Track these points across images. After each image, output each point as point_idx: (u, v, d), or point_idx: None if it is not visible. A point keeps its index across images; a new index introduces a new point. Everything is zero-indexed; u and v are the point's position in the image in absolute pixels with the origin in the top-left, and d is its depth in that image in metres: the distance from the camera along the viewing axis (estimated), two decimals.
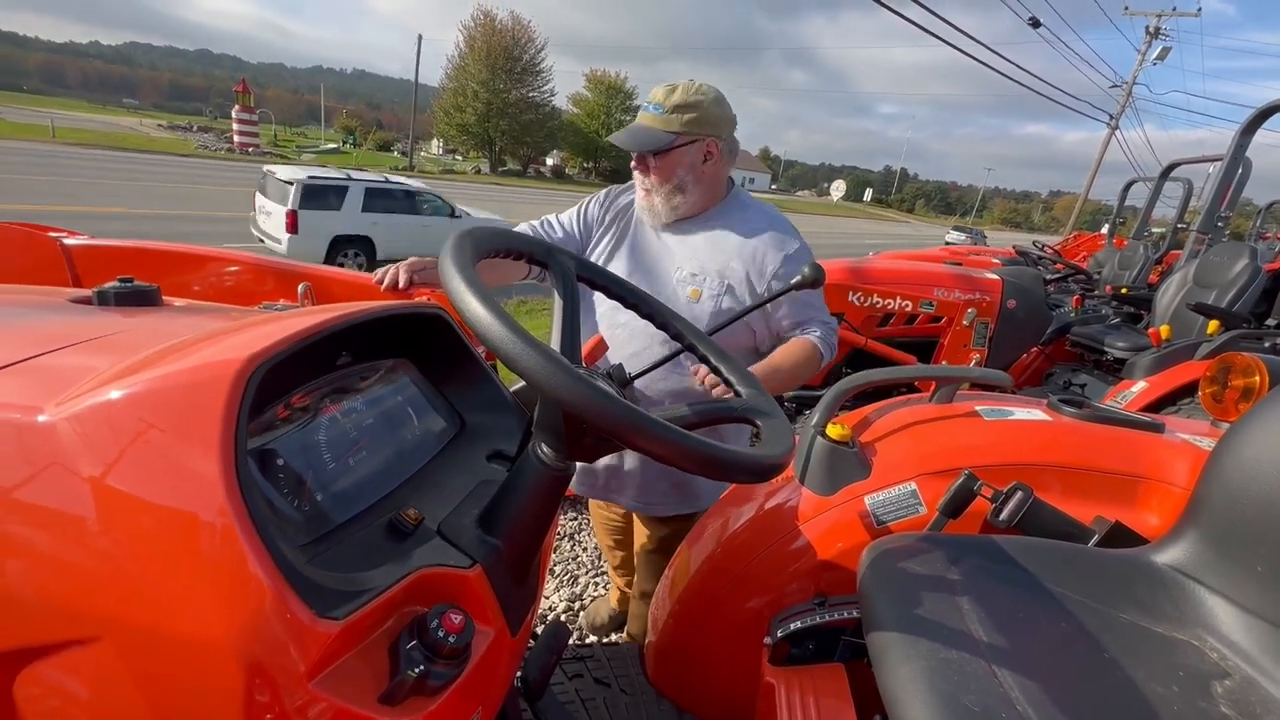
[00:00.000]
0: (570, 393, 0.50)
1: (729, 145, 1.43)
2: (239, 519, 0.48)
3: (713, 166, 1.41)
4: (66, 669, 0.49)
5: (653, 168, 1.40)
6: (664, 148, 1.36)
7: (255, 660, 0.47)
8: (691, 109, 1.35)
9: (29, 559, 0.48)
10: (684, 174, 1.39)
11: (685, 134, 1.35)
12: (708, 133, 1.37)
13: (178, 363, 0.55)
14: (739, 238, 1.43)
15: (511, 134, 49.45)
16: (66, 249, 1.42)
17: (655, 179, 1.41)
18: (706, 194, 1.44)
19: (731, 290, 1.41)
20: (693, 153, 1.38)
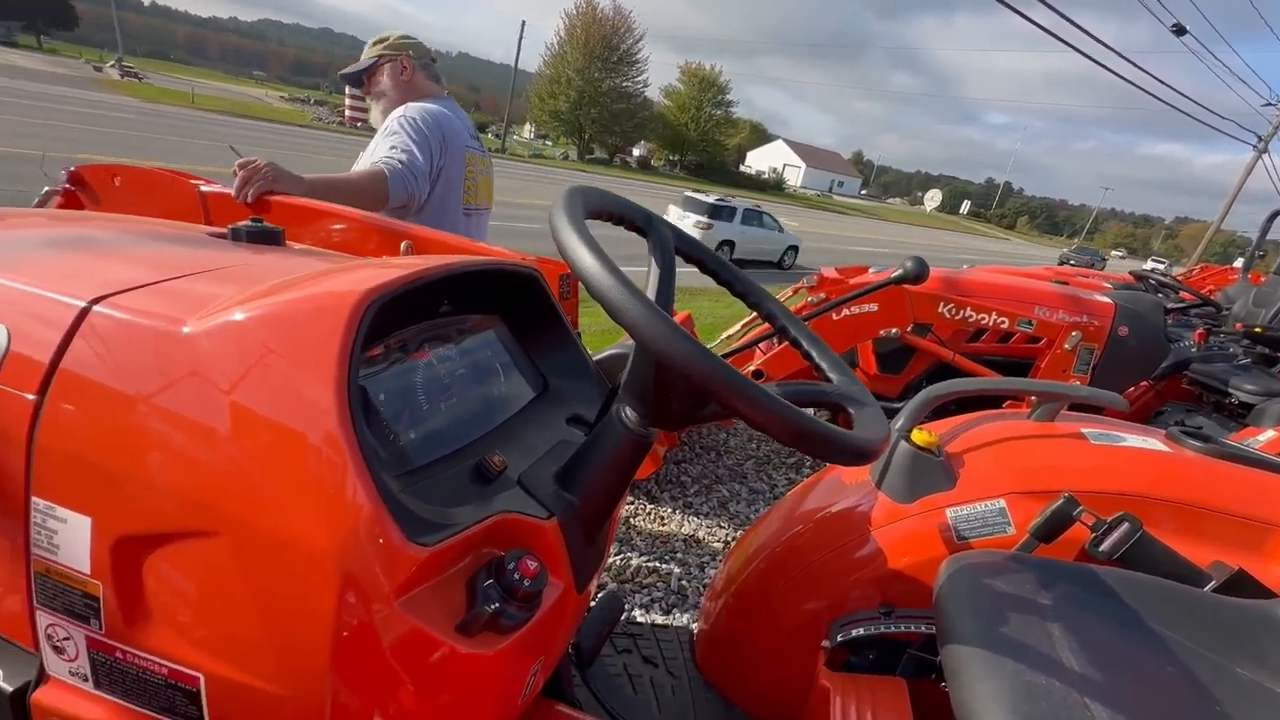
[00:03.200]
0: (675, 348, 0.50)
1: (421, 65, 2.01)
2: (347, 441, 0.51)
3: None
4: (188, 556, 0.53)
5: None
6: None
7: (349, 573, 0.50)
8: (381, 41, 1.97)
9: (167, 454, 0.53)
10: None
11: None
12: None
13: (303, 291, 0.59)
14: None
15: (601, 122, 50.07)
16: (203, 195, 1.55)
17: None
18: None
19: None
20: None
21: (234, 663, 0.54)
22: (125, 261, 0.73)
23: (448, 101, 2.02)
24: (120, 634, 0.56)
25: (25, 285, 0.62)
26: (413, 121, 1.80)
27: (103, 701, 0.60)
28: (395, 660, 0.52)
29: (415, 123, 1.80)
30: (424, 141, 1.80)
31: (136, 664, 0.57)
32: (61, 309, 0.59)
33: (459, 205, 2.00)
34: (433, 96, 2.00)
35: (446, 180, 1.90)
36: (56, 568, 0.56)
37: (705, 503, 3.19)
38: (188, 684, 0.56)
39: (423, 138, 1.80)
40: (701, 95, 58.11)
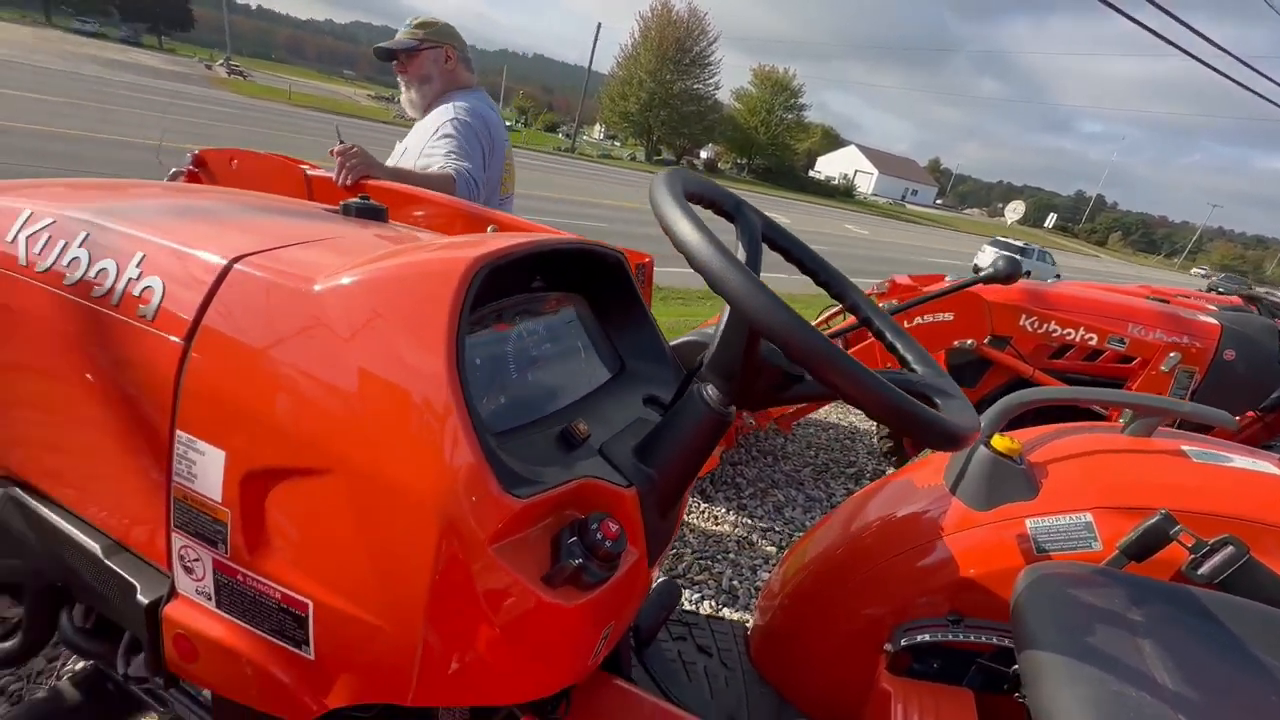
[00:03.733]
0: (776, 317, 0.51)
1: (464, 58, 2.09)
2: (454, 395, 0.55)
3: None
4: (306, 491, 0.59)
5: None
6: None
7: (450, 518, 0.53)
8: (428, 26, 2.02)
9: (293, 398, 0.58)
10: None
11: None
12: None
13: (419, 256, 0.63)
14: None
15: (670, 124, 50.19)
16: (308, 177, 1.67)
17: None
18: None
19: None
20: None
21: (340, 592, 0.59)
22: (258, 228, 0.80)
23: (481, 94, 2.12)
24: (242, 558, 0.62)
25: (176, 244, 0.69)
26: (469, 126, 1.92)
27: (222, 620, 0.66)
28: (484, 602, 0.55)
29: (471, 127, 1.92)
30: (478, 148, 1.93)
31: (254, 587, 0.63)
32: (207, 266, 0.65)
33: (498, 197, 2.10)
34: (468, 87, 2.11)
35: (491, 176, 2.01)
36: (193, 495, 0.63)
37: (760, 506, 3.16)
38: (297, 609, 0.61)
39: (476, 144, 1.92)
40: (773, 98, 57.32)
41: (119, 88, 19.14)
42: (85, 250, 0.71)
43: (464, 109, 1.96)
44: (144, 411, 0.66)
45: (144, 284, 0.67)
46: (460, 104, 1.97)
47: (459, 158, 1.86)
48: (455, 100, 1.99)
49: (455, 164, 1.85)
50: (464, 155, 1.87)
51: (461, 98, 2.01)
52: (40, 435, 0.77)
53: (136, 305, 0.66)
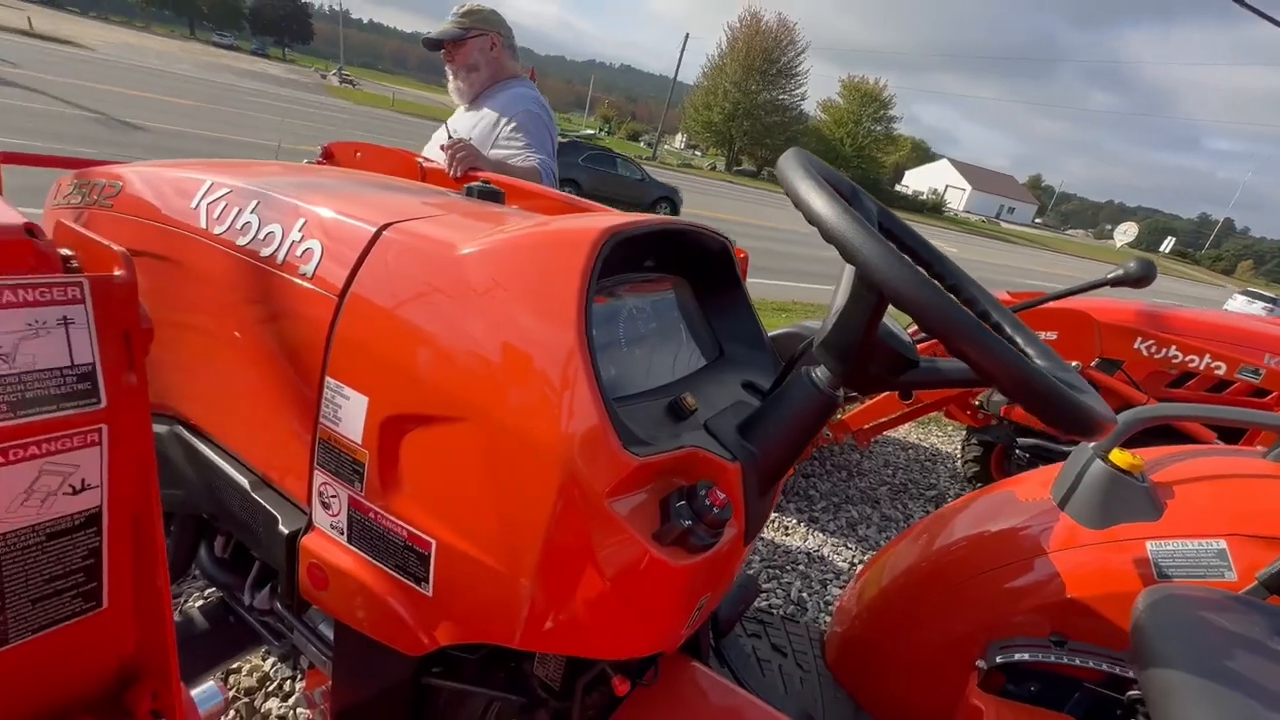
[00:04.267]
0: (908, 282, 0.50)
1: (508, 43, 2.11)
2: (581, 354, 0.58)
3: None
4: (438, 437, 0.63)
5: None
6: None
7: (571, 469, 0.56)
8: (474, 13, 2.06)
9: (434, 351, 0.63)
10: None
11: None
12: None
13: (553, 226, 0.68)
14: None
15: (753, 135, 49.80)
16: (423, 168, 1.79)
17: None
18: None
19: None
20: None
21: (462, 534, 0.63)
22: (400, 202, 0.88)
23: (529, 83, 2.17)
24: (375, 497, 0.68)
25: (332, 213, 0.77)
26: (538, 118, 2.03)
27: (351, 553, 0.72)
28: (596, 553, 0.58)
29: (540, 120, 2.04)
30: (547, 139, 2.05)
31: (383, 524, 0.68)
32: (360, 231, 0.72)
33: (556, 184, 2.18)
34: (514, 75, 2.16)
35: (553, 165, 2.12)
36: (336, 436, 0.70)
37: (833, 521, 3.07)
38: (421, 547, 0.66)
39: (545, 135, 2.04)
40: (861, 110, 55.75)
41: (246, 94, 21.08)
42: (256, 216, 0.80)
43: (530, 99, 2.05)
44: (298, 360, 0.73)
45: (305, 246, 0.74)
46: (523, 94, 2.06)
47: (536, 150, 1.97)
48: (514, 89, 2.08)
49: (536, 156, 1.95)
50: (540, 147, 1.98)
51: (519, 87, 2.09)
52: (205, 379, 0.86)
53: (298, 265, 0.74)
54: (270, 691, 1.58)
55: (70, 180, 1.13)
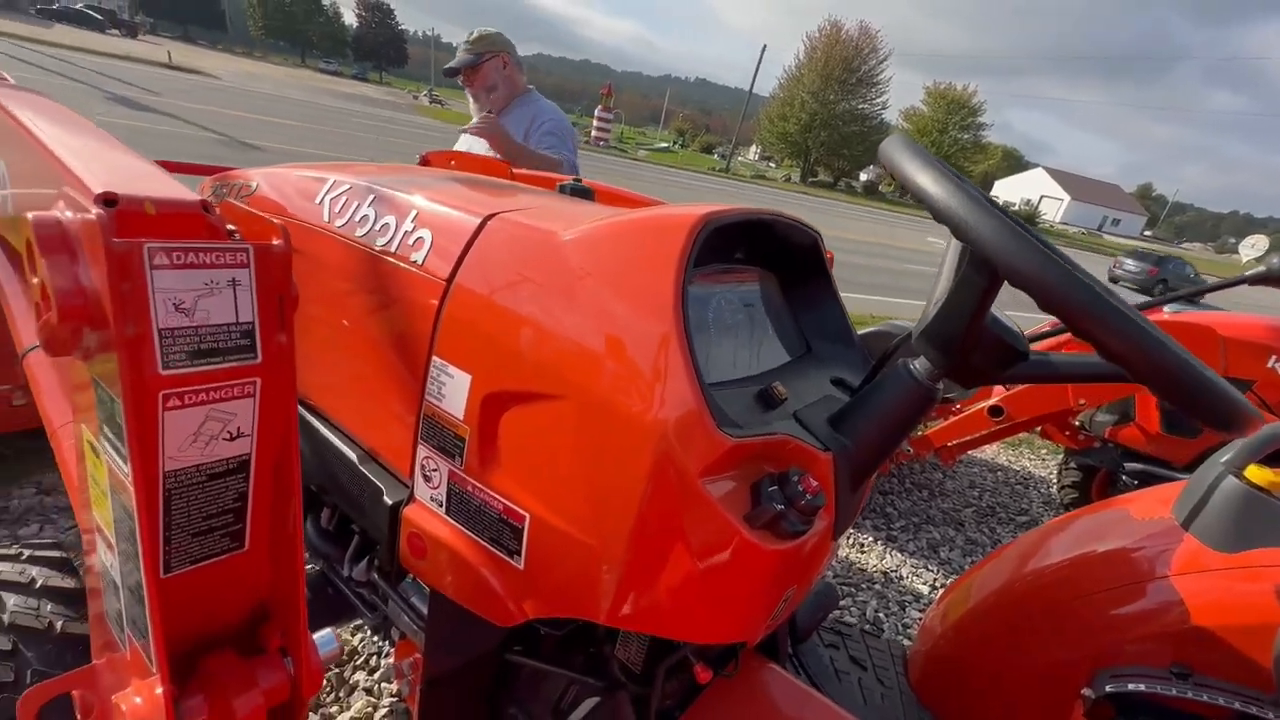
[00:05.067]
0: (1030, 258, 0.48)
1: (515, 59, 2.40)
2: (679, 335, 0.59)
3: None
4: (537, 414, 0.66)
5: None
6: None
7: (667, 448, 0.57)
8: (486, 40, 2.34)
9: (537, 331, 0.66)
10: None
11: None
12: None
13: (652, 213, 0.70)
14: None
15: (830, 145, 48.78)
16: (514, 175, 1.87)
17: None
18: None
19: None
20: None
21: (556, 509, 0.65)
22: (501, 196, 0.93)
23: (536, 94, 2.48)
24: (474, 471, 0.71)
25: (441, 205, 0.82)
26: (562, 126, 2.39)
27: (449, 525, 0.76)
28: (687, 531, 0.59)
29: (565, 127, 2.40)
30: (571, 145, 2.38)
31: (480, 497, 0.72)
32: (467, 220, 0.77)
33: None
34: (525, 89, 2.47)
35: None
36: (440, 412, 0.74)
37: (912, 541, 2.93)
38: (515, 520, 0.69)
39: (570, 142, 2.38)
40: (947, 118, 53.46)
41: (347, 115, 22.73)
42: (372, 210, 0.87)
43: (552, 109, 2.44)
44: (407, 341, 0.78)
45: (416, 236, 0.80)
46: (545, 105, 2.43)
47: (565, 148, 2.32)
48: (534, 102, 2.42)
49: (560, 153, 2.28)
50: (568, 146, 2.36)
51: (538, 101, 2.43)
52: (321, 360, 0.94)
53: (410, 253, 0.79)
54: (358, 665, 1.68)
55: (211, 182, 1.26)
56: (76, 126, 0.72)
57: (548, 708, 0.91)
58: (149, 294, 0.39)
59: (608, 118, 38.68)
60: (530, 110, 2.38)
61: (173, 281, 0.40)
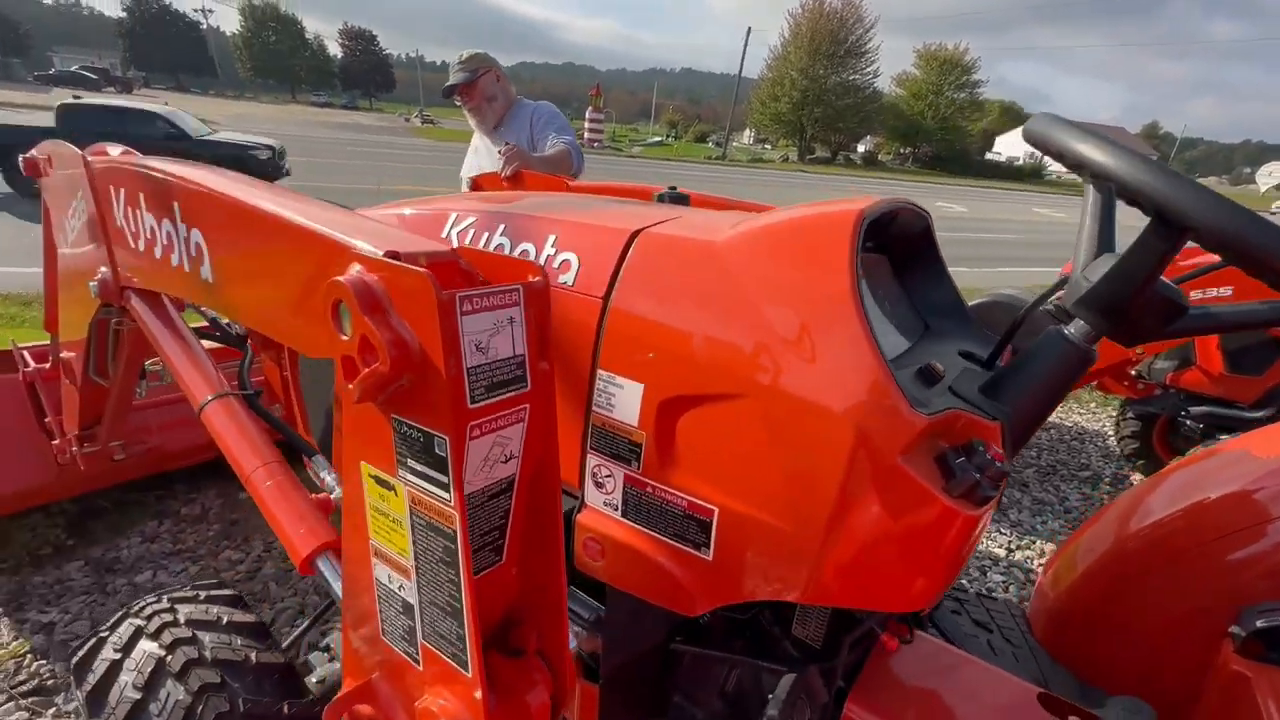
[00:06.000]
0: (1228, 216, 0.51)
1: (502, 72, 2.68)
2: (860, 320, 0.63)
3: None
4: (717, 414, 0.70)
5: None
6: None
7: (864, 430, 0.61)
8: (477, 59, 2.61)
9: (706, 334, 0.71)
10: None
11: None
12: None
13: (808, 212, 0.74)
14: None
15: (825, 120, 48.34)
16: (570, 188, 1.92)
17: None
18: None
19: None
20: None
21: (746, 499, 0.70)
22: (629, 212, 0.97)
23: (524, 99, 2.74)
24: (654, 473, 0.76)
25: (579, 226, 0.86)
26: (554, 113, 2.66)
27: (626, 526, 0.81)
28: (890, 506, 0.63)
29: (555, 113, 2.67)
30: (569, 130, 2.60)
31: (661, 497, 0.76)
32: (615, 238, 0.81)
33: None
34: (518, 98, 2.74)
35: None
36: (611, 421, 0.78)
37: None
38: (703, 515, 0.73)
39: (566, 125, 2.61)
40: (941, 79, 52.72)
41: (345, 144, 22.98)
42: (506, 239, 0.91)
43: (542, 104, 2.71)
44: (567, 358, 0.83)
45: (561, 258, 0.84)
46: (538, 104, 2.69)
47: (559, 133, 2.53)
48: (528, 106, 2.68)
49: (563, 139, 2.51)
50: (564, 130, 2.57)
51: (527, 104, 2.69)
52: None
53: (557, 275, 0.84)
54: None
55: None
56: (279, 193, 0.78)
57: (715, 692, 0.96)
58: (461, 338, 0.44)
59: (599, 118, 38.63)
60: (525, 112, 2.66)
61: (475, 324, 0.45)
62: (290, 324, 0.70)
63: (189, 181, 0.76)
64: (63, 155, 1.19)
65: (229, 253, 0.78)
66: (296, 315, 0.67)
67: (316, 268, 0.58)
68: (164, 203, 0.82)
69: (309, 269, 0.59)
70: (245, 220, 0.70)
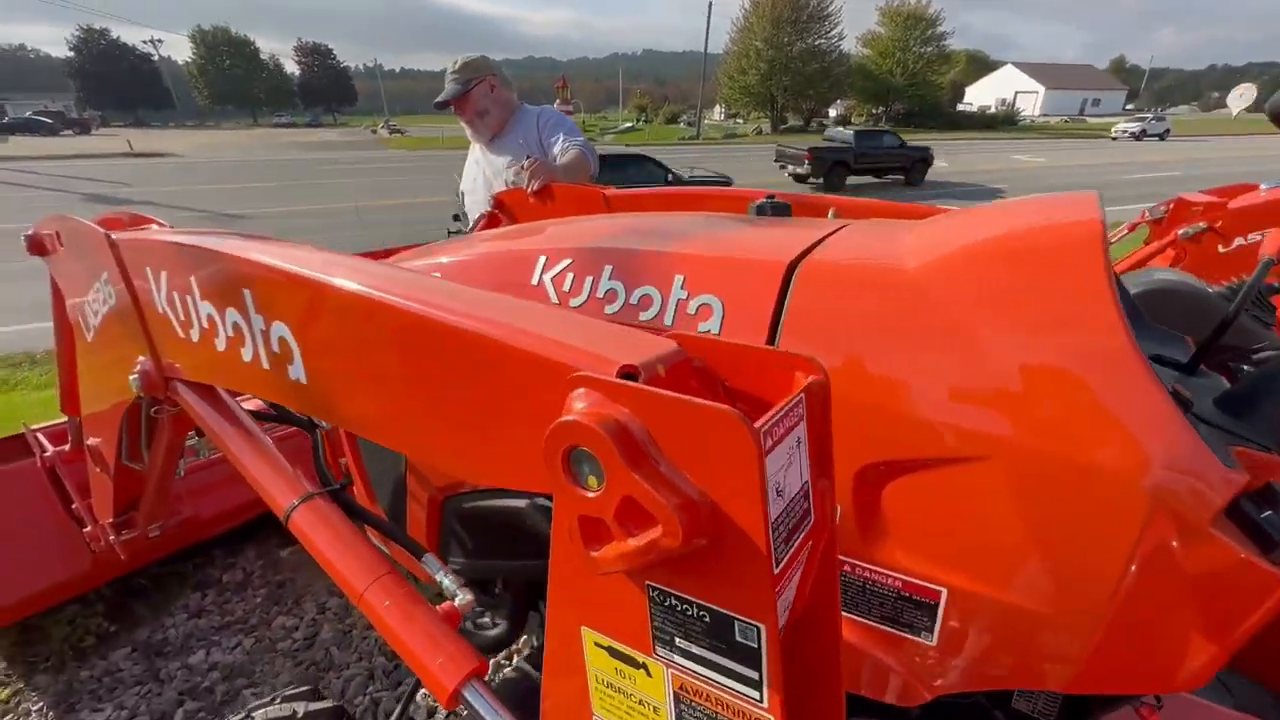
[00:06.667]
0: None
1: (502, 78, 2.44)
2: (1141, 360, 0.51)
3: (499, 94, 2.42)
4: (943, 479, 0.58)
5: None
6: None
7: (1166, 494, 0.49)
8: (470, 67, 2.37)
9: (917, 385, 0.58)
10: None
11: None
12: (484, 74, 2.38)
13: (1021, 226, 0.61)
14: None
15: (794, 89, 47.96)
16: (606, 197, 1.79)
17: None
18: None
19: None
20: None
21: (988, 579, 0.58)
22: (761, 236, 0.84)
23: (525, 105, 2.52)
24: (855, 551, 0.64)
25: (713, 260, 0.74)
26: (558, 116, 2.48)
27: None
28: (1193, 582, 0.51)
29: (559, 115, 2.48)
30: (578, 130, 2.42)
31: (867, 577, 0.65)
32: (768, 269, 0.69)
33: None
34: (517, 105, 2.49)
35: None
36: None
37: None
38: (925, 596, 0.62)
39: (574, 126, 2.45)
40: (906, 35, 52.35)
41: (316, 164, 22.55)
42: (619, 281, 0.79)
43: (544, 108, 2.52)
44: None
45: (698, 302, 0.72)
46: (540, 109, 2.49)
47: (569, 134, 2.37)
48: (529, 112, 2.47)
49: (575, 140, 2.33)
50: (574, 132, 2.39)
51: (529, 110, 2.48)
52: None
53: (695, 323, 0.71)
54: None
55: None
56: (386, 270, 0.64)
57: None
58: (764, 485, 0.32)
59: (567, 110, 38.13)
60: (529, 119, 2.45)
61: (774, 463, 0.33)
62: (456, 450, 0.55)
63: (262, 265, 0.63)
64: (78, 231, 1.05)
65: (336, 357, 0.63)
66: (471, 444, 0.52)
67: (504, 387, 0.45)
68: (228, 289, 0.69)
69: (489, 389, 0.47)
70: (359, 315, 0.57)
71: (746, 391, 0.40)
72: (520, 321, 0.45)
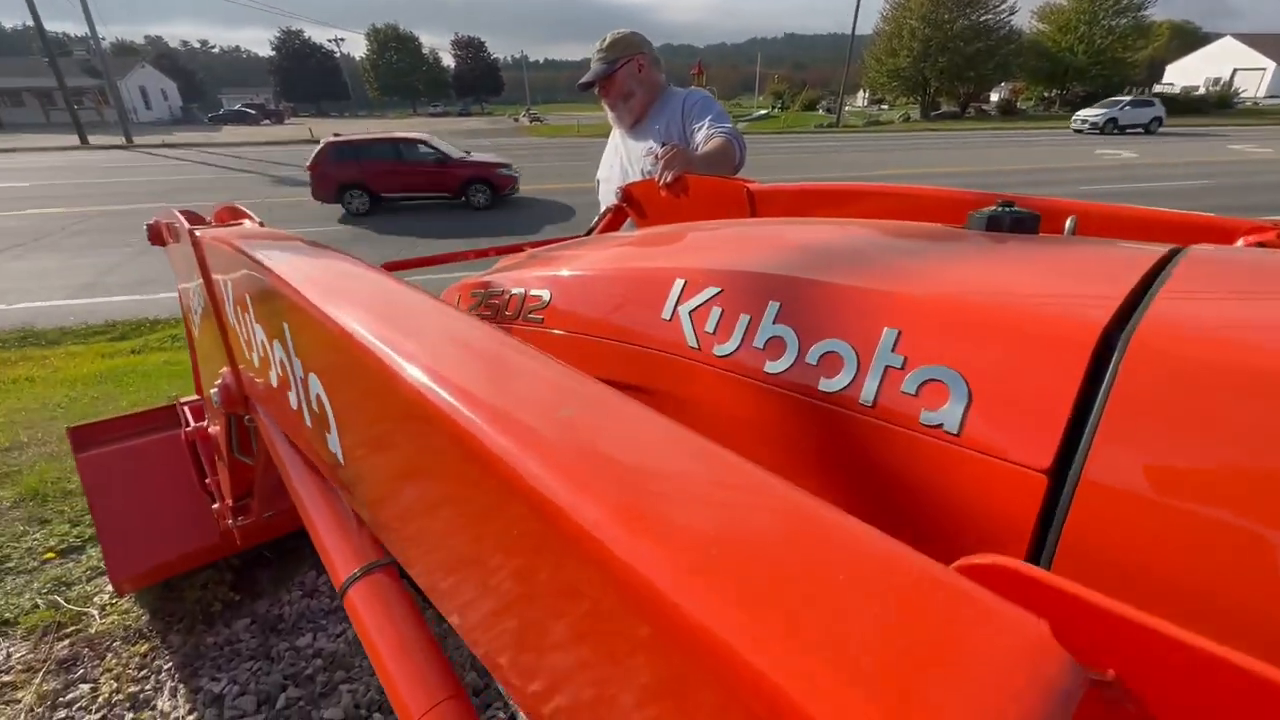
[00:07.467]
0: None
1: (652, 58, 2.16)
2: None
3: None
4: None
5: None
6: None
7: None
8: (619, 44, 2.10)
9: None
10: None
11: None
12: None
13: None
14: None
15: (951, 71, 43.78)
16: (750, 192, 1.52)
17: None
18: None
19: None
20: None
21: None
22: (1010, 270, 0.56)
23: (673, 87, 2.22)
24: None
25: (953, 301, 0.47)
26: (704, 98, 2.14)
27: None
28: None
29: (705, 98, 2.15)
30: (726, 115, 2.07)
31: None
32: (1062, 339, 0.41)
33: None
34: (665, 88, 2.19)
35: None
36: None
37: None
38: None
39: (722, 112, 2.09)
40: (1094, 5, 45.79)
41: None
42: (787, 327, 0.54)
43: (691, 90, 2.19)
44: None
45: (921, 375, 0.45)
46: (683, 91, 2.19)
47: (716, 120, 2.03)
48: (675, 95, 2.17)
49: (720, 127, 1.99)
50: (721, 118, 2.05)
51: (676, 93, 2.18)
52: None
53: (916, 408, 0.45)
54: None
55: (462, 292, 1.02)
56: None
57: None
58: None
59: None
60: (675, 102, 2.17)
61: None
62: None
63: (292, 292, 0.45)
64: (174, 228, 0.98)
65: (386, 460, 0.43)
66: None
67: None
68: (272, 316, 0.53)
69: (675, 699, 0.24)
70: (429, 430, 0.34)
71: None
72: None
